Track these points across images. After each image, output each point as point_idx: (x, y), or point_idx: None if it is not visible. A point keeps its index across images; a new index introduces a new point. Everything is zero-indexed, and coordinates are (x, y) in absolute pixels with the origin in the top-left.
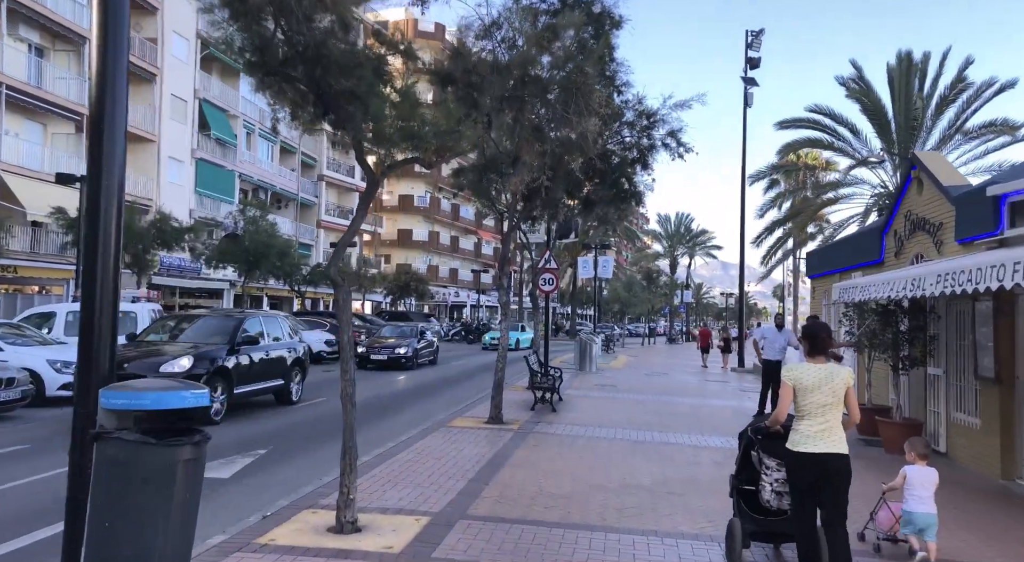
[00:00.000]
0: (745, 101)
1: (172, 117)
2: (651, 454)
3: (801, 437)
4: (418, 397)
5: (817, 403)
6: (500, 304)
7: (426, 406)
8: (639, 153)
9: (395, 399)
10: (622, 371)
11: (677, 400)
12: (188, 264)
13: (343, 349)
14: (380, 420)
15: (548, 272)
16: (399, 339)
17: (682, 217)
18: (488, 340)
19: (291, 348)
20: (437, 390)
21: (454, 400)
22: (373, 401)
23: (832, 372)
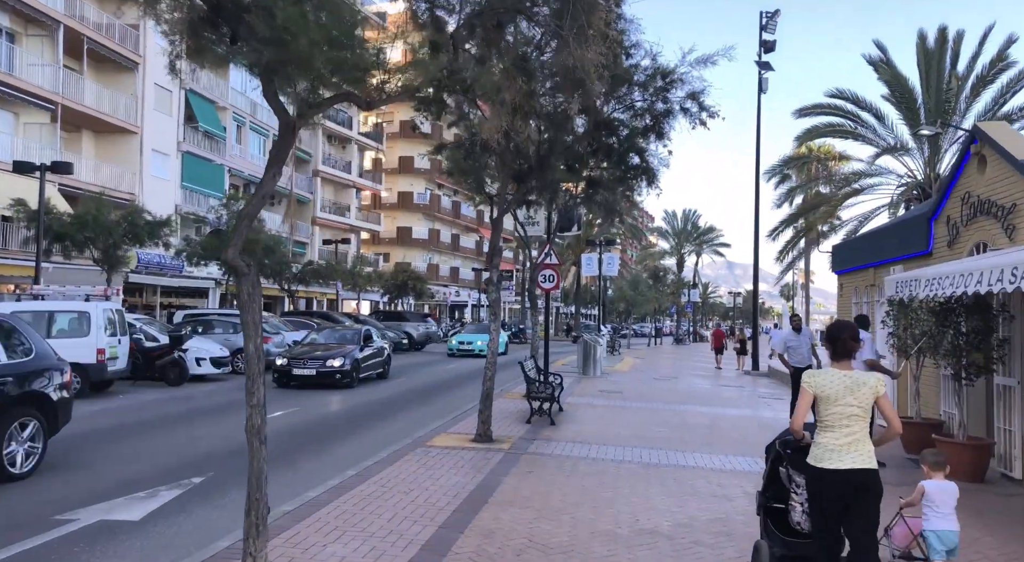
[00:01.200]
0: (759, 87)
1: (156, 108)
2: (668, 482)
3: (824, 451)
4: (334, 436)
5: (841, 413)
6: (490, 302)
7: (391, 427)
8: (653, 120)
9: (356, 419)
10: (629, 375)
11: (692, 409)
12: (169, 261)
13: (250, 363)
14: (347, 438)
15: (548, 268)
16: (334, 347)
17: (689, 214)
18: (455, 345)
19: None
20: (358, 425)
21: (377, 440)
22: (332, 419)
23: (858, 380)
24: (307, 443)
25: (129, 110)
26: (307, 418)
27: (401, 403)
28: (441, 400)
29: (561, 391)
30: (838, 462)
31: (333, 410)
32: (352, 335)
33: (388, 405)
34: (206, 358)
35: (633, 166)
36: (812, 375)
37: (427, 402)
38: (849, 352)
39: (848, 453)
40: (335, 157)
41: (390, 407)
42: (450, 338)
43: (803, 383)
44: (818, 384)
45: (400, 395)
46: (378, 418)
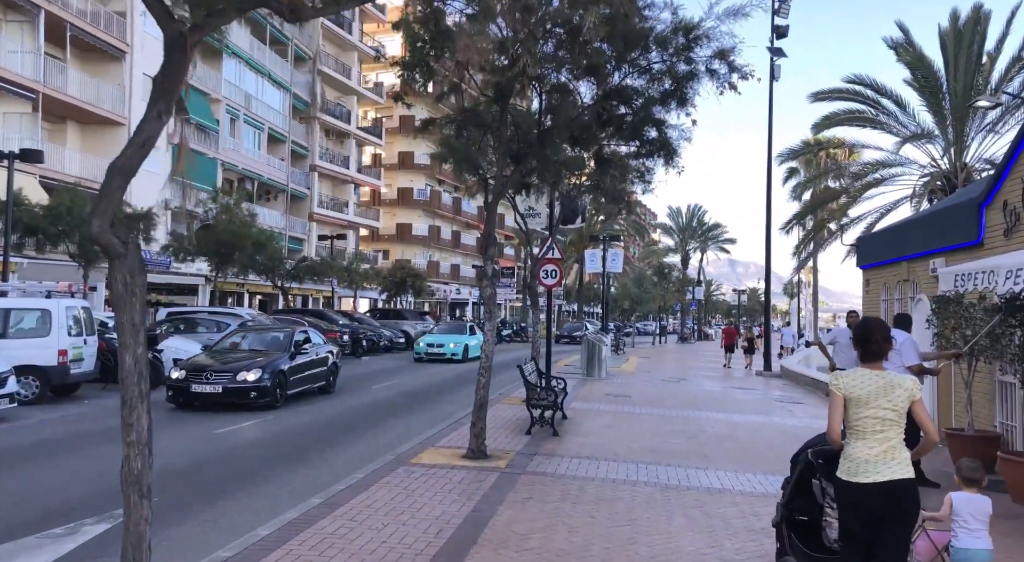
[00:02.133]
0: (772, 74)
1: (144, 99)
2: (693, 512)
3: (855, 464)
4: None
5: (873, 418)
6: (484, 298)
7: (376, 441)
8: (674, 84)
9: (332, 430)
10: (635, 376)
11: (707, 416)
12: (155, 257)
13: (126, 383)
14: (324, 451)
15: (551, 263)
16: (253, 355)
17: (694, 209)
18: (423, 348)
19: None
20: (333, 441)
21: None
22: (300, 433)
23: (892, 381)
24: (269, 462)
25: (116, 101)
26: (271, 429)
27: (346, 429)
28: (427, 412)
29: (564, 397)
30: (874, 474)
31: (294, 424)
32: (282, 339)
33: (324, 434)
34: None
35: (649, 140)
36: (840, 376)
37: (417, 410)
38: (882, 353)
39: (884, 463)
40: (333, 152)
41: (327, 437)
42: (417, 340)
43: (831, 385)
44: (847, 385)
45: (342, 417)
46: (355, 432)
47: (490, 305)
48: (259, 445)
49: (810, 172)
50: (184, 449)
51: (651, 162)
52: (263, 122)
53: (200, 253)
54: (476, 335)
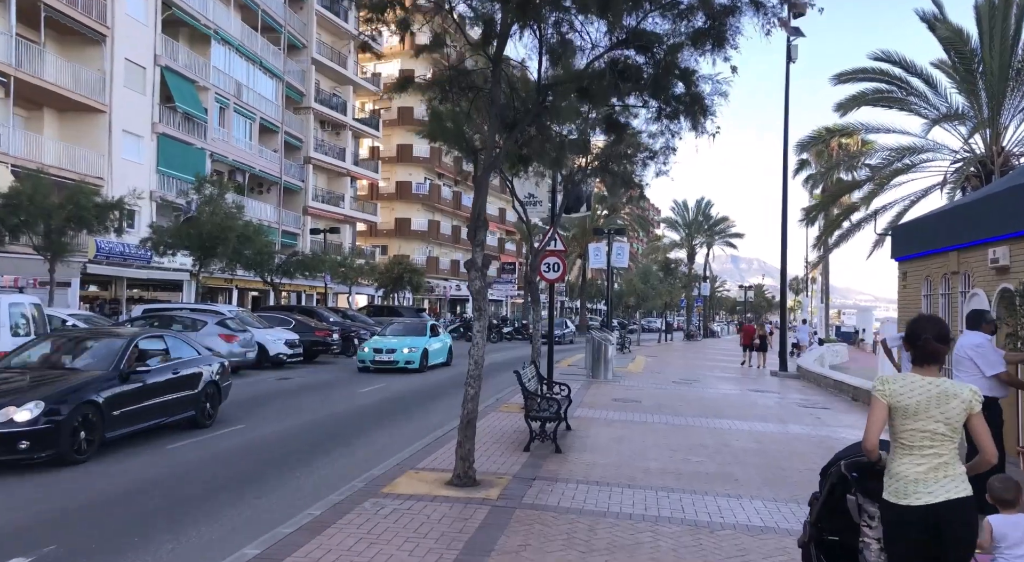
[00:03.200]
0: (788, 55)
1: (127, 85)
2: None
3: (901, 483)
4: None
5: (922, 432)
6: (471, 292)
7: (339, 464)
8: (710, 22)
9: (296, 444)
10: (643, 377)
11: (729, 426)
12: (134, 250)
13: None
14: (283, 474)
15: (553, 255)
16: (48, 378)
17: (701, 203)
18: (369, 355)
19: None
20: (289, 464)
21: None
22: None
23: (947, 391)
24: (212, 492)
25: (96, 86)
26: (216, 449)
27: (313, 446)
28: (415, 421)
29: (568, 405)
30: (926, 495)
31: (232, 445)
32: (109, 351)
33: (288, 451)
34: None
35: (674, 96)
36: (887, 381)
37: (403, 420)
38: (934, 356)
39: (936, 481)
40: (328, 143)
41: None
42: (361, 344)
43: (874, 390)
44: (894, 392)
45: (315, 429)
46: (324, 448)
47: (479, 301)
48: (199, 466)
49: (826, 162)
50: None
51: (676, 125)
52: (254, 112)
53: (181, 246)
54: (439, 337)
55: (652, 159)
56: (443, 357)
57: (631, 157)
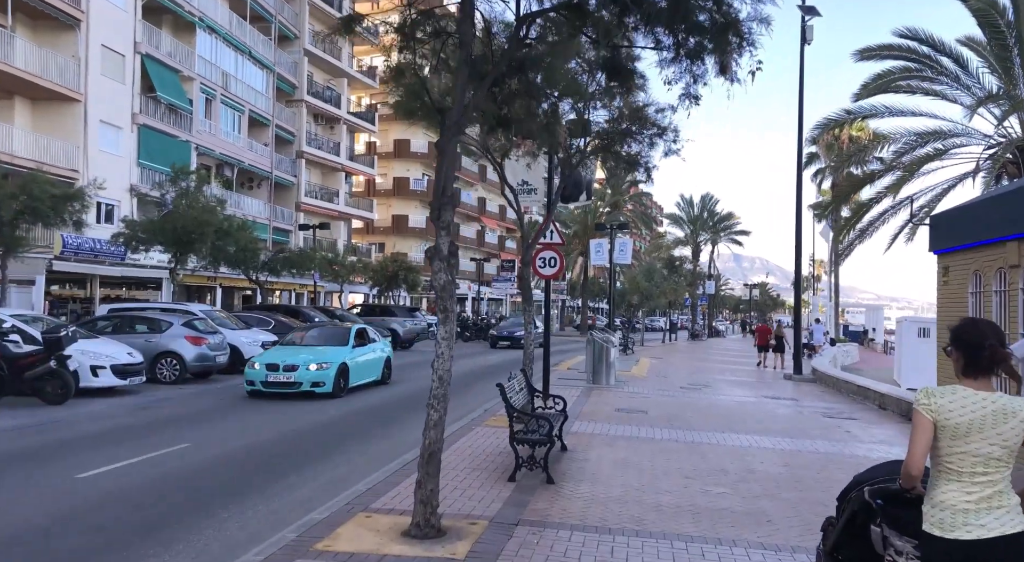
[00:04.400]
0: (803, 36)
1: (104, 73)
2: None
3: (947, 513)
4: None
5: (974, 456)
6: (436, 288)
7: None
8: None
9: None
10: (649, 383)
11: (749, 443)
12: (106, 246)
13: None
14: (202, 519)
15: (549, 249)
16: None
17: (706, 199)
18: (260, 376)
19: None
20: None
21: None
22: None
23: (1006, 408)
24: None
25: (70, 74)
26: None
27: (252, 474)
28: (390, 438)
29: (564, 421)
30: (977, 529)
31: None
32: None
33: (216, 480)
34: (106, 366)
35: (698, 26)
36: (932, 394)
37: (373, 436)
38: (996, 365)
39: (989, 512)
40: (322, 138)
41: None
42: (252, 359)
43: (918, 405)
44: (941, 408)
45: (261, 448)
46: (264, 478)
47: (444, 299)
48: (98, 505)
49: (836, 155)
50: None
51: (699, 67)
52: (243, 104)
53: (155, 242)
54: (371, 346)
55: (661, 136)
56: (374, 374)
57: (637, 133)
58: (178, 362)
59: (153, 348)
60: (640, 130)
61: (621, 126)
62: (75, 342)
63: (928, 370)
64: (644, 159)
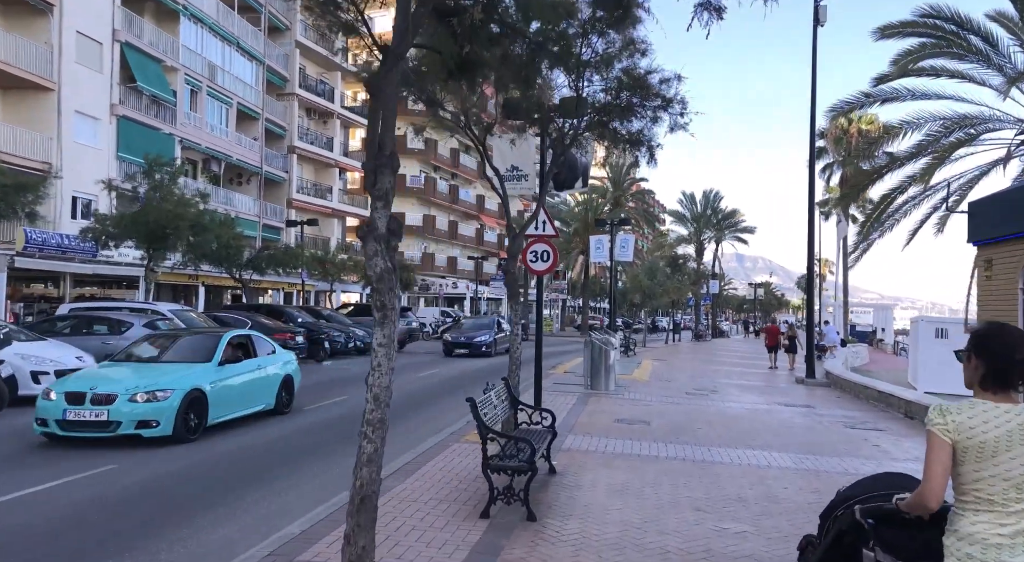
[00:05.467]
0: (816, 17)
1: (79, 61)
2: None
3: (978, 548)
4: None
5: (1006, 478)
6: (372, 278)
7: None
8: None
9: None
10: (651, 388)
11: (768, 461)
12: (75, 242)
13: None
14: None
15: (541, 241)
16: None
17: (710, 195)
18: (55, 408)
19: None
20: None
21: None
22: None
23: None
24: None
25: (42, 62)
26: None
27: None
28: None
29: (552, 439)
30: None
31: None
32: None
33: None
34: (49, 371)
35: None
36: (947, 411)
37: (329, 456)
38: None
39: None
40: (315, 132)
41: None
42: (49, 388)
43: (931, 424)
44: (960, 426)
45: (192, 478)
46: (169, 519)
47: (381, 293)
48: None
49: (844, 149)
50: None
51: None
52: (231, 96)
53: (126, 237)
54: (252, 364)
55: (666, 108)
56: (259, 402)
57: (639, 106)
58: None
59: (111, 351)
60: (642, 102)
61: (620, 96)
62: (8, 344)
63: (948, 374)
64: (647, 137)
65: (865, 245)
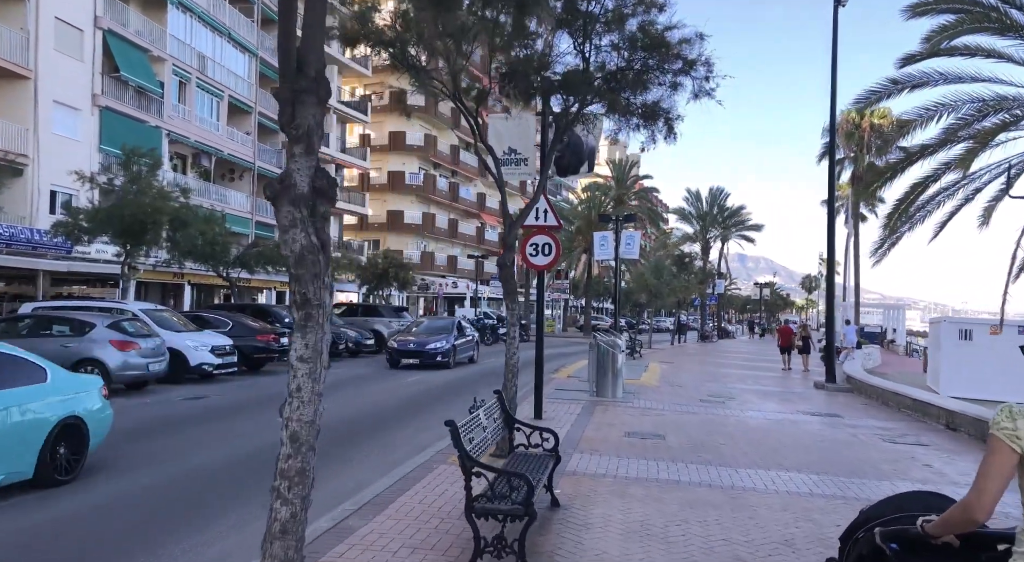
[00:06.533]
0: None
1: (58, 49)
2: None
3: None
4: None
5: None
6: (290, 260)
7: None
8: None
9: None
10: (662, 394)
11: (808, 486)
12: (46, 238)
13: None
14: None
15: (542, 232)
16: None
17: (716, 192)
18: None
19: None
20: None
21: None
22: None
23: None
24: None
25: (18, 49)
26: None
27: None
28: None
29: (555, 466)
30: None
31: None
32: None
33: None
34: None
35: None
36: (1017, 415)
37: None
38: None
39: None
40: None
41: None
42: None
43: (996, 430)
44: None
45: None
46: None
47: (303, 281)
48: None
49: (857, 144)
50: None
51: None
52: (222, 89)
53: (100, 232)
54: (59, 390)
55: (688, 72)
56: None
57: (655, 70)
58: (100, 371)
59: (71, 354)
60: (661, 66)
61: (634, 58)
62: None
63: (974, 377)
64: (665, 108)
65: (893, 239)
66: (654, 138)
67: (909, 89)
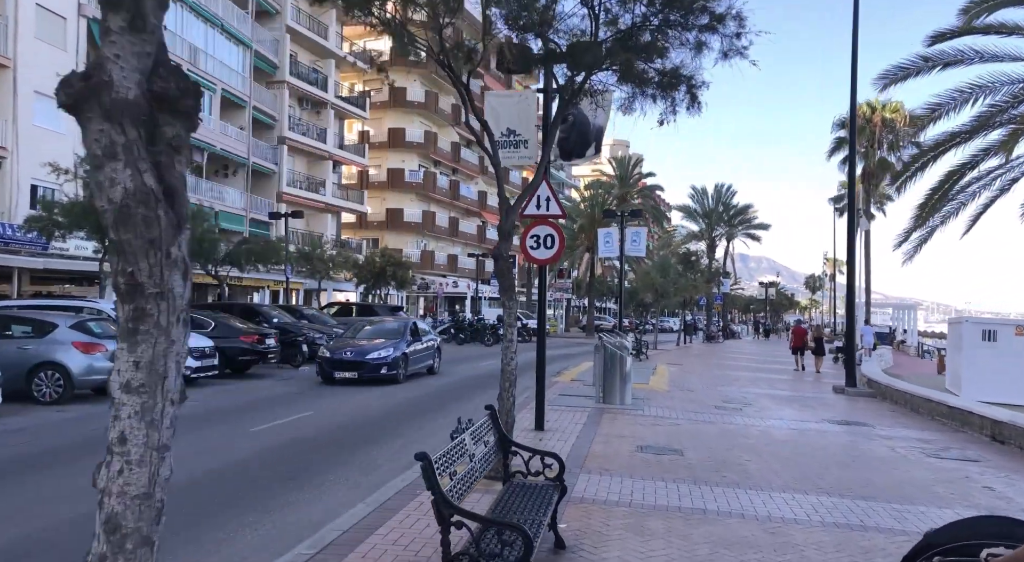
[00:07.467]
0: None
1: (39, 37)
2: None
3: None
4: None
5: None
6: (110, 208)
7: None
8: None
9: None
10: (674, 400)
11: (858, 515)
12: (17, 233)
13: None
14: None
15: (544, 223)
16: None
17: (722, 189)
18: None
19: None
20: None
21: None
22: None
23: None
24: None
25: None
26: None
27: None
28: (276, 510)
29: (561, 497)
30: None
31: None
32: None
33: None
34: None
35: None
36: None
37: (252, 505)
38: None
39: None
40: (307, 123)
41: None
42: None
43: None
44: None
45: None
46: None
47: (127, 252)
48: None
49: (868, 139)
50: None
51: None
52: (214, 82)
53: (76, 227)
54: None
55: (715, 29)
56: None
57: (677, 26)
58: (61, 376)
59: (29, 358)
60: (683, 20)
61: (653, 7)
62: None
63: (999, 381)
64: (688, 74)
65: (924, 234)
66: (674, 109)
67: (941, 67)
